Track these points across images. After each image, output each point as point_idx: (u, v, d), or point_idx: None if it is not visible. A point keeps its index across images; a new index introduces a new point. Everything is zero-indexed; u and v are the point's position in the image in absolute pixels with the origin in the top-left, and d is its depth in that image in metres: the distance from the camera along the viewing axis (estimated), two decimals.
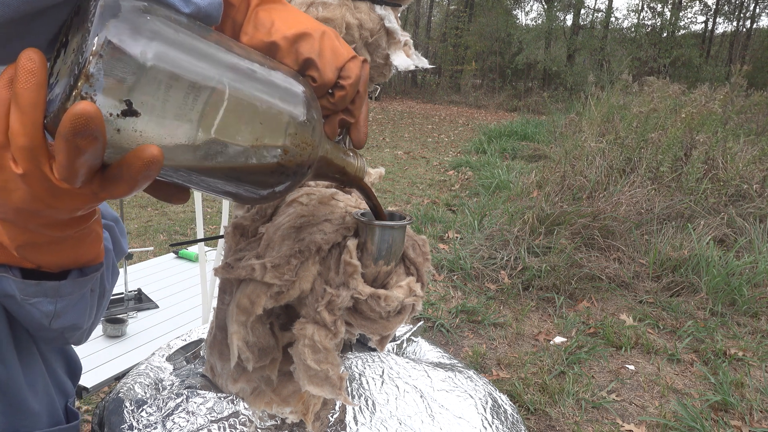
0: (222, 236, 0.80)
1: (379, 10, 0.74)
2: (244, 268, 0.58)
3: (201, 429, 0.68)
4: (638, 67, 16.73)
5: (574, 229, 3.88)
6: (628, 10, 38.52)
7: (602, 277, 3.58)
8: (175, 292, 2.50)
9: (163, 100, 0.33)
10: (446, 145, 9.65)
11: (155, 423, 0.69)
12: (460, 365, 0.94)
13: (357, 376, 0.82)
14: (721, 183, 4.57)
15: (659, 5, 19.75)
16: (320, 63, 0.45)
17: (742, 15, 21.20)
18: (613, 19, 21.33)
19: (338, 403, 0.76)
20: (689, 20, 23.62)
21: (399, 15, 0.78)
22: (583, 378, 2.62)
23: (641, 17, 20.39)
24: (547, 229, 3.89)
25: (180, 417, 0.70)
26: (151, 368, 0.85)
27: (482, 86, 21.50)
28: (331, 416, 0.74)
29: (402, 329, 1.05)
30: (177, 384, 0.80)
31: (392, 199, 5.73)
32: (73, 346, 0.70)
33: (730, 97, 5.96)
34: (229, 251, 0.66)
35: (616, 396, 2.52)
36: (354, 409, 0.75)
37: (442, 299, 3.37)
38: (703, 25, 21.57)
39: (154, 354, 0.90)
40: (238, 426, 0.70)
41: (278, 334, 0.64)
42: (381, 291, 0.55)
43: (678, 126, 4.80)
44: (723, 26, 25.81)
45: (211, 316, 0.74)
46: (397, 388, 0.81)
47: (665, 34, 19.02)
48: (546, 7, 21.13)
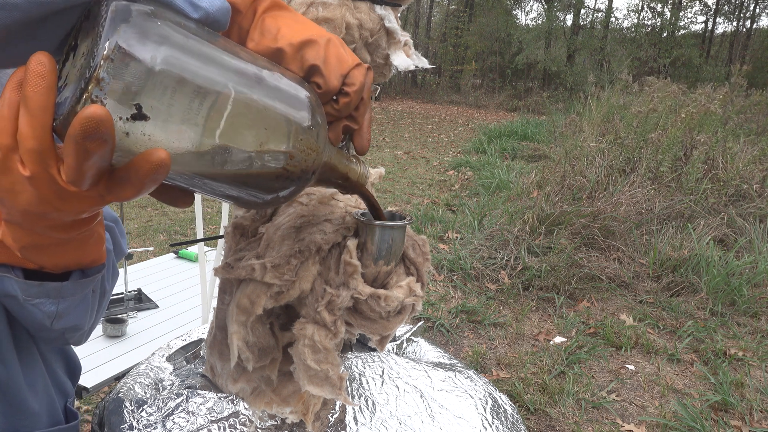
0: (222, 236, 0.80)
1: (379, 10, 0.74)
2: (244, 268, 0.58)
3: (201, 429, 0.68)
4: (638, 67, 16.74)
5: (574, 229, 3.88)
6: (628, 10, 38.58)
7: (602, 277, 3.58)
8: (175, 292, 2.50)
9: (171, 105, 0.33)
10: (446, 145, 9.65)
11: (155, 423, 0.69)
12: (460, 365, 0.94)
13: (357, 376, 0.82)
14: (721, 183, 4.57)
15: (659, 5, 19.77)
16: (325, 70, 0.45)
17: (742, 15, 21.22)
18: (613, 19, 21.35)
19: (338, 403, 0.76)
20: (689, 20, 23.67)
21: (399, 15, 0.78)
22: (583, 378, 2.62)
23: (641, 17, 20.42)
24: (547, 229, 3.89)
25: (180, 417, 0.70)
26: (151, 368, 0.85)
27: (482, 86, 21.50)
28: (331, 416, 0.74)
29: (402, 329, 1.05)
30: (177, 384, 0.80)
31: (392, 199, 5.73)
32: (72, 346, 0.70)
33: (730, 97, 5.96)
34: (229, 251, 0.66)
35: (616, 396, 2.51)
36: (354, 409, 0.75)
37: (442, 299, 3.37)
38: (703, 25, 21.61)
39: (154, 354, 0.90)
40: (238, 426, 0.70)
41: (278, 334, 0.64)
42: (381, 291, 0.55)
43: (678, 126, 4.79)
44: (723, 26, 25.86)
45: (211, 316, 0.74)
46: (397, 388, 0.81)
47: (665, 34, 19.03)
48: (546, 7, 21.13)
